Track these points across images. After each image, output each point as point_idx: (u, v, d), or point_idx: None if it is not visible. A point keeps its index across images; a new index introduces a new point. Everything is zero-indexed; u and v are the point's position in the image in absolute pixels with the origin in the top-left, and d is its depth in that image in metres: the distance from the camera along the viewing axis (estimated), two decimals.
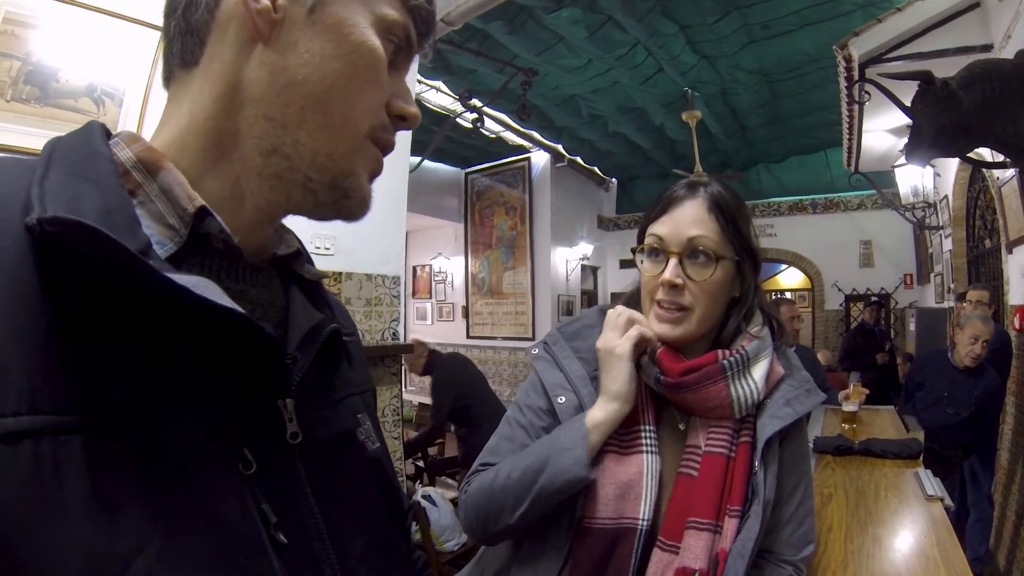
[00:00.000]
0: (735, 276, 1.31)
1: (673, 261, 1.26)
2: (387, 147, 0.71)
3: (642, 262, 1.34)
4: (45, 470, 0.45)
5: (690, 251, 1.26)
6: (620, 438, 1.26)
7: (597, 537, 1.20)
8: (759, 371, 1.26)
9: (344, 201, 0.68)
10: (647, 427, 1.27)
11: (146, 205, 0.59)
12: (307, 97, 0.62)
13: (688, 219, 1.27)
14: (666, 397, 1.30)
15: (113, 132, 0.65)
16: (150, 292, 0.51)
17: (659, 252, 1.30)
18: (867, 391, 4.34)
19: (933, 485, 2.64)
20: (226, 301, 0.54)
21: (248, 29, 0.62)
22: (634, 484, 1.21)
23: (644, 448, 1.25)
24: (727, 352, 1.26)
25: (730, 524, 1.19)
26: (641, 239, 1.36)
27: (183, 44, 0.65)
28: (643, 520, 1.19)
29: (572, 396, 1.31)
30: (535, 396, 1.37)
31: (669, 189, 1.35)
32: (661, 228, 1.30)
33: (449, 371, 5.50)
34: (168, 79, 0.68)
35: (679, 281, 1.25)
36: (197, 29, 0.64)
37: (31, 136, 2.34)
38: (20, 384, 0.45)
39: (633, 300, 1.40)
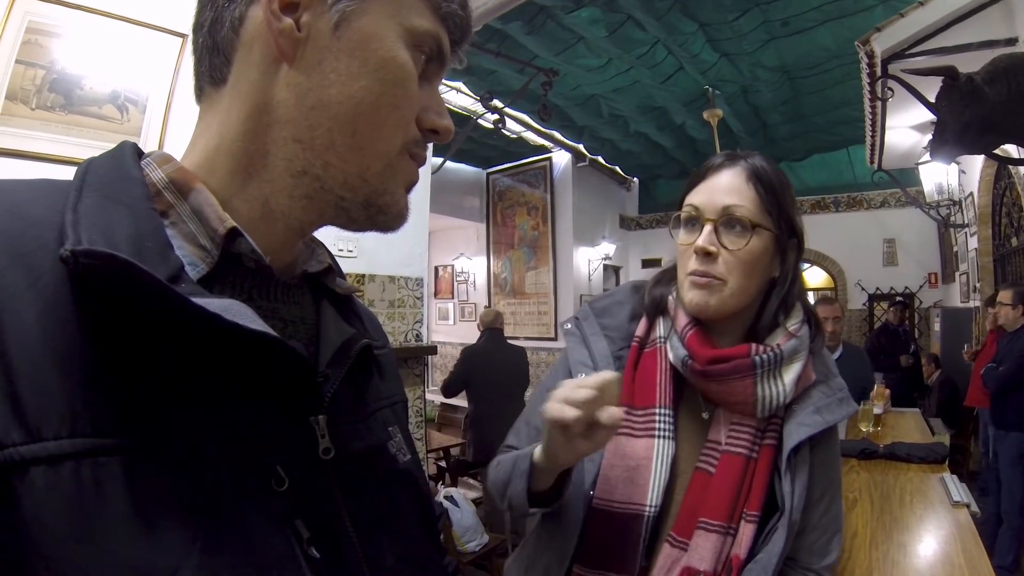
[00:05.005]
0: (774, 252, 1.24)
1: (707, 228, 1.20)
2: (419, 161, 0.70)
3: (679, 232, 1.28)
4: (87, 491, 0.46)
5: (725, 219, 1.20)
6: (633, 419, 1.24)
7: (605, 520, 1.19)
8: (791, 373, 1.20)
9: (379, 216, 0.67)
10: (663, 410, 1.23)
11: (178, 226, 0.60)
12: (334, 119, 0.61)
13: (725, 187, 1.22)
14: (691, 382, 1.27)
15: (145, 151, 0.66)
16: (183, 318, 0.52)
17: (695, 221, 1.24)
18: (888, 390, 4.31)
19: (959, 491, 2.61)
20: (257, 324, 0.55)
21: (272, 50, 0.61)
22: (643, 469, 1.19)
23: (656, 432, 1.21)
24: (761, 347, 1.20)
25: (746, 529, 1.15)
26: (680, 208, 1.30)
27: (211, 62, 0.65)
28: (650, 507, 1.17)
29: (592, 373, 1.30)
30: (560, 377, 1.33)
31: (709, 159, 1.30)
32: (697, 197, 1.25)
33: (475, 351, 5.57)
34: (199, 95, 0.68)
35: (712, 248, 1.19)
36: (223, 48, 0.63)
37: (56, 143, 2.37)
38: (61, 408, 0.47)
39: (668, 275, 1.36)
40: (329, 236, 0.75)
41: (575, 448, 1.03)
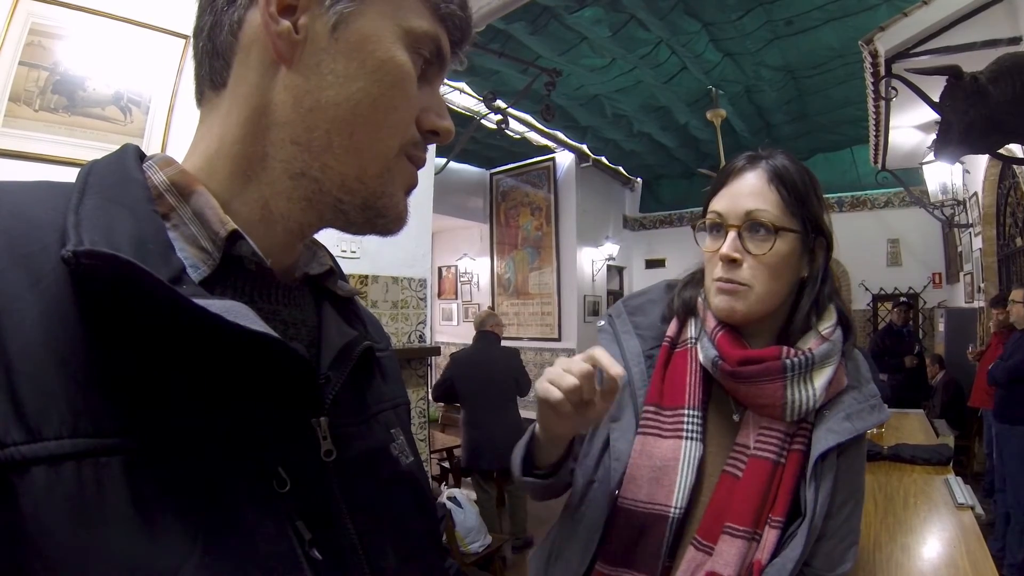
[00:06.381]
0: (801, 253, 1.22)
1: (731, 235, 1.19)
2: (419, 163, 0.70)
3: (704, 239, 1.27)
4: (87, 490, 0.46)
5: (749, 225, 1.18)
6: (661, 419, 1.23)
7: (629, 518, 1.19)
8: (821, 378, 1.18)
9: (378, 220, 0.67)
10: (692, 411, 1.22)
11: (179, 228, 0.60)
12: (332, 121, 0.61)
13: (747, 191, 1.20)
14: (720, 384, 1.25)
15: (147, 154, 0.66)
16: (184, 319, 0.52)
17: (719, 227, 1.23)
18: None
19: (963, 493, 2.60)
20: (259, 325, 0.55)
21: (270, 52, 0.61)
22: (669, 470, 1.18)
23: (684, 433, 1.20)
24: (792, 351, 1.18)
25: (770, 535, 1.13)
26: (704, 215, 1.28)
27: (211, 66, 0.65)
28: (675, 508, 1.16)
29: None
30: None
31: (731, 162, 1.28)
32: (720, 203, 1.23)
33: (459, 358, 5.57)
34: (200, 99, 0.69)
35: (736, 255, 1.18)
36: (222, 51, 0.64)
37: (59, 144, 2.38)
38: (62, 409, 0.47)
39: (698, 275, 1.34)
40: (332, 237, 0.75)
41: (566, 424, 1.07)
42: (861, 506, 1.28)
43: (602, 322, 1.39)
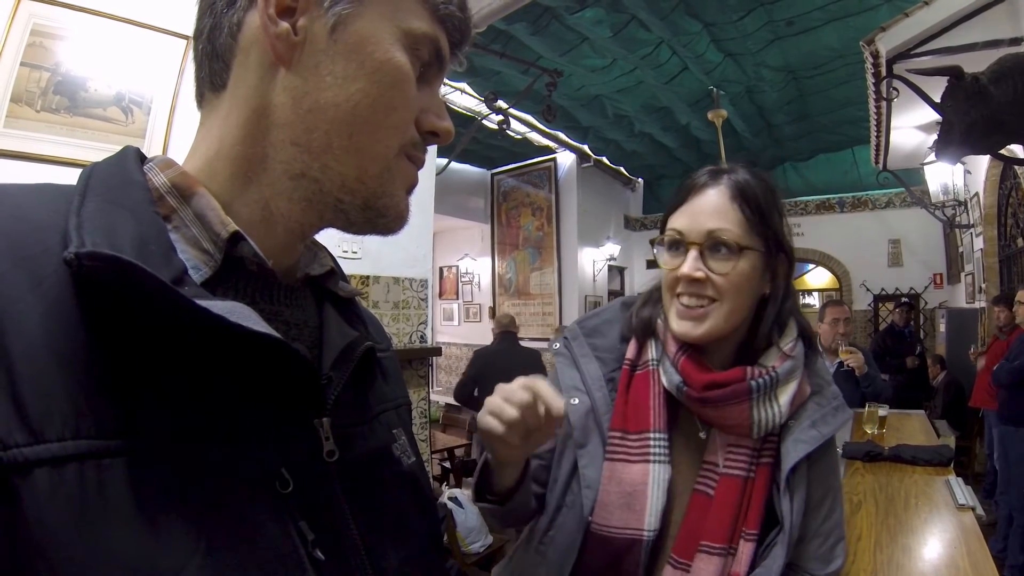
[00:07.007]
0: (763, 270, 1.21)
1: (692, 254, 1.17)
2: (419, 163, 0.70)
3: (662, 255, 1.24)
4: (90, 492, 0.46)
5: (711, 244, 1.17)
6: (627, 444, 1.22)
7: (603, 544, 1.18)
8: (786, 394, 1.17)
9: (379, 219, 0.68)
10: (657, 434, 1.21)
11: (181, 230, 0.60)
12: (331, 122, 0.62)
13: (709, 209, 1.18)
14: (685, 406, 1.24)
15: (148, 156, 0.66)
16: (187, 320, 0.52)
17: (679, 244, 1.21)
18: (855, 350, 4.25)
19: (964, 494, 2.60)
20: (260, 326, 0.55)
21: (269, 54, 0.61)
22: (639, 494, 1.17)
23: (651, 457, 1.19)
24: (756, 371, 1.17)
25: (745, 547, 1.14)
26: (663, 231, 1.26)
27: (211, 68, 0.65)
28: (648, 531, 1.16)
29: (585, 398, 1.27)
30: None
31: (692, 177, 1.25)
32: (680, 220, 1.21)
33: (485, 352, 5.58)
34: (200, 101, 0.69)
35: (699, 275, 1.16)
36: (222, 53, 0.64)
37: (61, 145, 2.38)
38: (64, 410, 0.47)
39: (655, 294, 1.32)
40: (333, 237, 0.75)
41: (515, 451, 1.06)
42: (840, 502, 1.29)
43: (557, 344, 1.36)
